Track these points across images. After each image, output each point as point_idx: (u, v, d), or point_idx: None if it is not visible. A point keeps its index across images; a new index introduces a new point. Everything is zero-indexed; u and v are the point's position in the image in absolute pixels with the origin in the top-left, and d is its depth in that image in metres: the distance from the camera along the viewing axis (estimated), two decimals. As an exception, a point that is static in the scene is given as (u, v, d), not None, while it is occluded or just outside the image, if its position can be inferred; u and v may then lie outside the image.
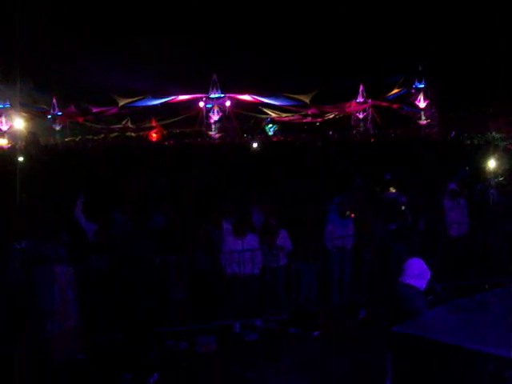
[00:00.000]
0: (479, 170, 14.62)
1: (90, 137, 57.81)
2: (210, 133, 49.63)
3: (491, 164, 12.77)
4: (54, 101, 54.48)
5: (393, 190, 11.46)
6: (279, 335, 8.33)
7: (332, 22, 55.22)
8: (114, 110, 51.58)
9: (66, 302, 7.71)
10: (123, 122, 55.90)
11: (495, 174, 13.44)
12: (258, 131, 53.80)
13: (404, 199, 11.12)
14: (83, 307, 7.88)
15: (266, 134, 52.61)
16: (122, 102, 50.70)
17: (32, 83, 51.11)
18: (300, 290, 9.29)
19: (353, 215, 10.05)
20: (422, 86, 51.10)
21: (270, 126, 53.30)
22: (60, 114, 55.07)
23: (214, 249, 9.25)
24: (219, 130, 49.50)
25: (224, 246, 9.04)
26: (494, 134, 35.80)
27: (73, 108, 54.27)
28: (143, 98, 50.38)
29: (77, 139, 56.57)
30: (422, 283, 5.60)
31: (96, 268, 8.34)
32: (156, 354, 7.78)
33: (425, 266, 5.65)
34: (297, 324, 8.57)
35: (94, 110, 52.10)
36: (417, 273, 5.61)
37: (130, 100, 50.80)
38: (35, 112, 53.80)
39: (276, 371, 7.21)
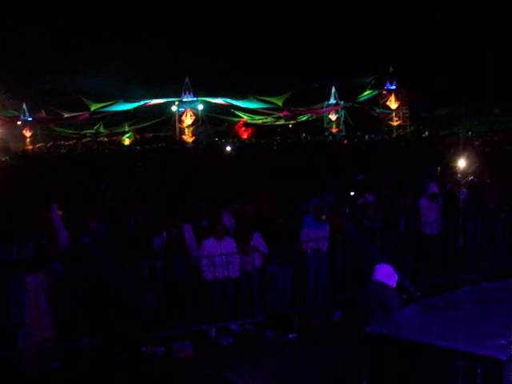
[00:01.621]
0: (450, 168, 14.81)
1: (62, 142, 57.19)
2: (184, 136, 49.39)
3: (461, 163, 12.91)
4: (25, 106, 53.77)
5: (367, 194, 11.54)
6: (255, 338, 8.34)
7: (304, 24, 55.54)
8: (86, 115, 51.06)
9: (38, 310, 7.61)
10: (95, 127, 55.40)
11: (466, 173, 13.62)
12: (232, 134, 53.81)
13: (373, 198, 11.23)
14: (57, 315, 7.79)
15: (240, 136, 52.61)
16: (93, 107, 50.20)
17: (0, 88, 50.35)
18: (275, 292, 9.29)
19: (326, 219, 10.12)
20: (394, 87, 51.60)
21: (244, 129, 53.32)
22: (31, 119, 54.36)
23: (189, 253, 9.23)
24: (192, 134, 49.32)
25: (202, 250, 9.01)
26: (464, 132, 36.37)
27: (44, 113, 53.56)
28: (115, 103, 49.94)
29: (48, 145, 55.91)
30: (392, 281, 5.93)
31: (68, 276, 8.24)
32: (131, 360, 7.73)
33: (393, 270, 6.03)
34: (272, 327, 8.59)
35: (66, 116, 51.48)
36: (387, 273, 5.92)
37: (101, 105, 50.31)
38: (5, 118, 53.00)
39: (252, 374, 7.21)
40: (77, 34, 54.51)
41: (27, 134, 55.52)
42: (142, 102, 49.73)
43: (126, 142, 53.07)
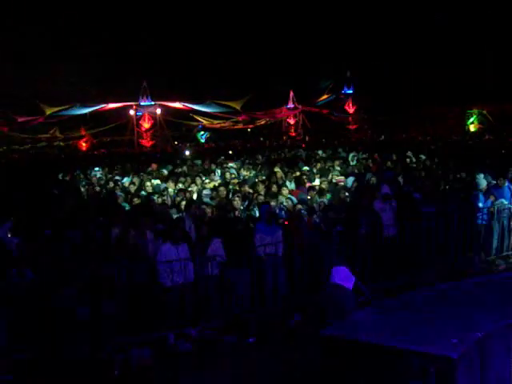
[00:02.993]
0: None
1: (16, 147, 55.82)
2: (142, 141, 48.85)
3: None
4: (-25, 110, 52.31)
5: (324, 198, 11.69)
6: (214, 343, 8.31)
7: (262, 28, 55.73)
8: (41, 119, 49.88)
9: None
10: (51, 132, 54.23)
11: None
12: (190, 138, 53.49)
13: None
14: (9, 325, 7.62)
15: (198, 141, 52.34)
16: (49, 111, 49.10)
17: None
18: (234, 297, 9.29)
19: (286, 222, 10.19)
20: (351, 91, 52.18)
21: (202, 133, 53.07)
22: (-18, 123, 52.88)
23: (146, 259, 9.15)
24: (151, 138, 48.80)
25: (159, 256, 8.92)
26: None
27: (-4, 117, 52.16)
28: (71, 107, 48.94)
29: (1, 150, 54.51)
30: (349, 284, 6.02)
31: (19, 283, 8.06)
32: (89, 368, 7.62)
33: (350, 273, 6.08)
34: (231, 331, 8.58)
35: (20, 120, 50.21)
36: (343, 275, 6.01)
37: (57, 109, 49.17)
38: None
39: (212, 380, 7.20)
40: (31, 35, 53.39)
41: (-21, 138, 53.98)
42: (98, 106, 48.89)
43: (83, 146, 52.13)
